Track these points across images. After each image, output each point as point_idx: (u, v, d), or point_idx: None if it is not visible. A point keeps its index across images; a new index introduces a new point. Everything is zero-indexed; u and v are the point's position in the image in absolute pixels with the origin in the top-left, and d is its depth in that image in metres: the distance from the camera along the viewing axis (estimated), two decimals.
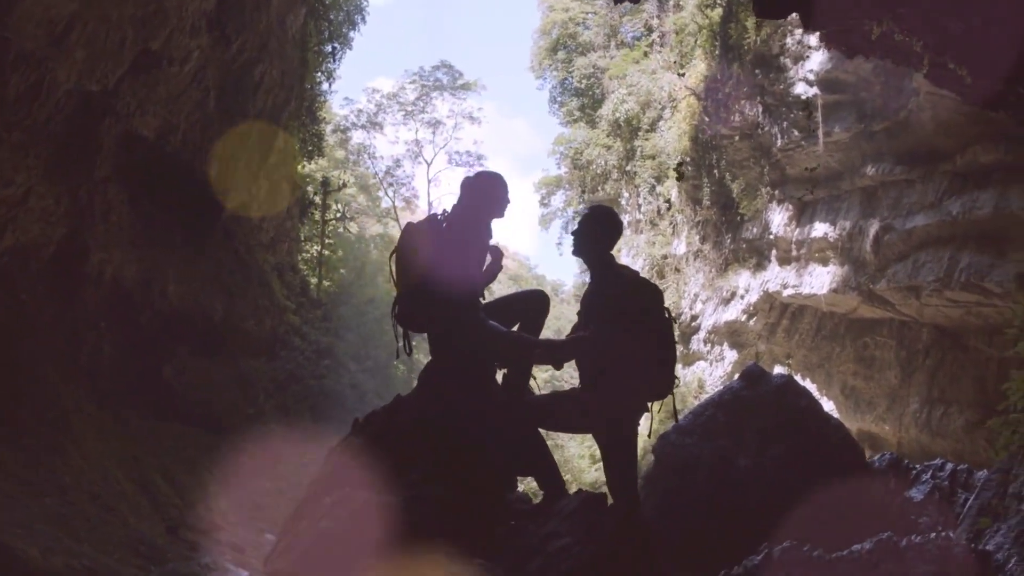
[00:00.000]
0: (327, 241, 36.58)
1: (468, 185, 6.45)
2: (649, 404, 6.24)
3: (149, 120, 18.74)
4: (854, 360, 23.59)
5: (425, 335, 6.46)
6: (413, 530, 5.07)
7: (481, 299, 6.31)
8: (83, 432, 16.75)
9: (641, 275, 6.46)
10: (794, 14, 8.12)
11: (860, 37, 6.90)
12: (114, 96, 17.28)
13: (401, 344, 6.40)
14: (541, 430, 6.45)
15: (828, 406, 21.96)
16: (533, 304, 6.58)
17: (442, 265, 6.02)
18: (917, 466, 8.03)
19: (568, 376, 30.15)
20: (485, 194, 6.41)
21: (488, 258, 6.43)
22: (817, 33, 19.42)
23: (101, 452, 16.99)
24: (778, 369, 24.59)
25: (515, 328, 6.32)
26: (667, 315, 6.15)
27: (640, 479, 7.44)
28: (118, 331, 19.30)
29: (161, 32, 17.65)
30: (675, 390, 6.28)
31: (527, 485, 8.08)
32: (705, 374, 30.40)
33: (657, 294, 6.27)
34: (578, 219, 6.47)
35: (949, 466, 7.84)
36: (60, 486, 14.76)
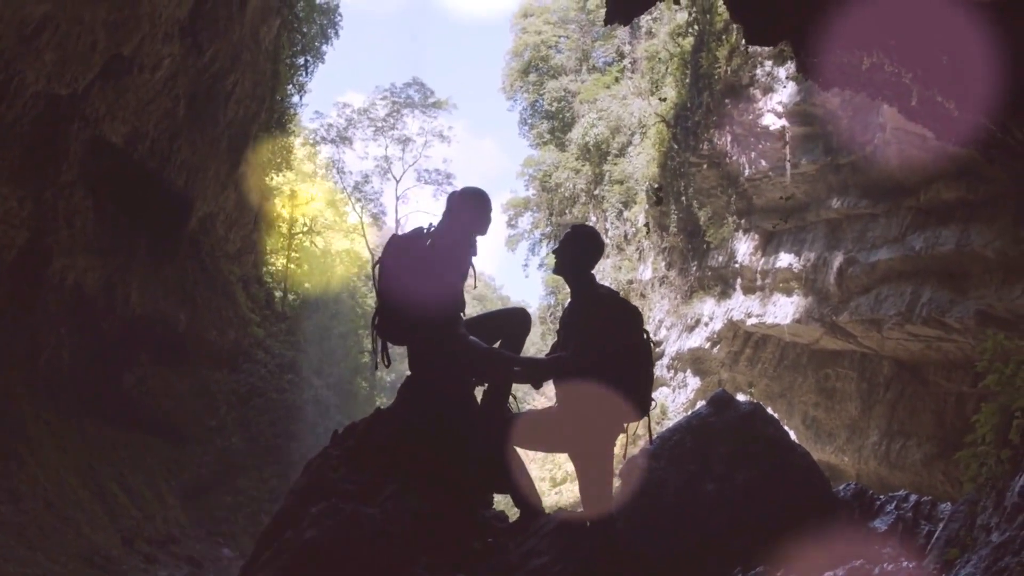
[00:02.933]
0: (293, 254, 36.40)
1: (454, 200, 6.44)
2: (625, 425, 6.24)
3: (118, 126, 18.57)
4: (815, 391, 23.75)
5: (404, 350, 6.42)
6: (393, 542, 5.04)
7: (463, 314, 6.28)
8: (39, 439, 16.52)
9: (621, 296, 6.47)
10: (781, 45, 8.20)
11: (844, 69, 6.97)
12: (83, 100, 17.13)
13: (379, 355, 6.36)
14: (518, 448, 6.43)
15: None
16: (514, 322, 6.57)
17: (425, 279, 6.01)
18: (881, 497, 8.06)
19: (533, 397, 30.12)
20: (471, 210, 6.40)
21: (472, 273, 6.44)
22: (791, 65, 19.62)
23: (58, 460, 16.75)
24: (740, 398, 24.66)
25: (496, 345, 6.31)
26: (645, 337, 6.17)
27: None
28: (79, 338, 19.07)
29: (133, 38, 17.51)
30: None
31: (502, 502, 8.03)
32: (668, 400, 30.47)
33: (636, 315, 6.27)
34: (560, 238, 6.46)
35: (913, 498, 7.86)
36: (14, 493, 14.54)
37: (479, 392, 6.46)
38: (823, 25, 6.47)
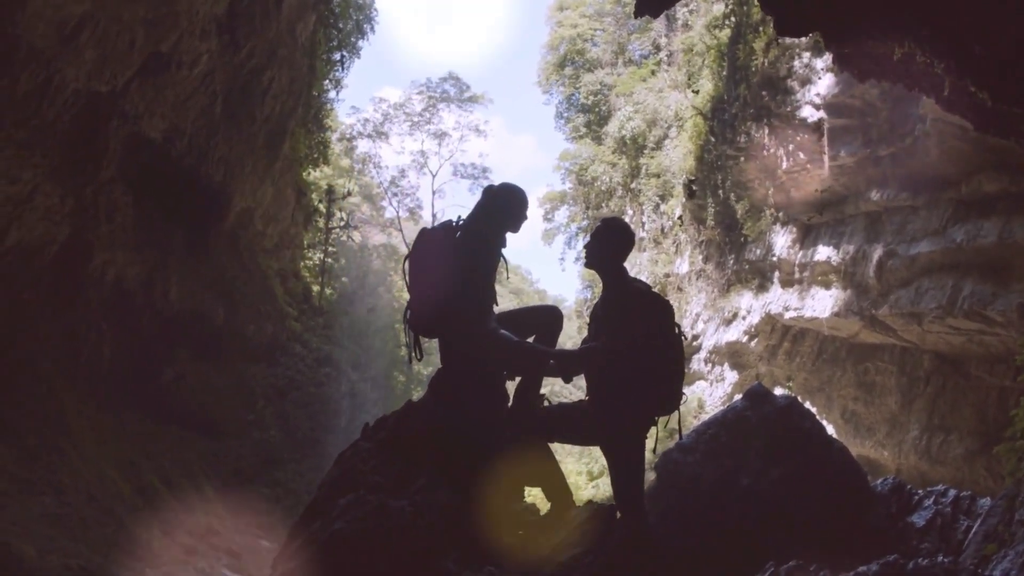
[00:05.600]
0: (330, 249, 36.59)
1: (490, 194, 6.43)
2: (656, 418, 6.22)
3: (156, 123, 18.76)
4: (855, 385, 23.51)
5: (436, 343, 6.42)
6: (422, 535, 5.06)
7: (494, 307, 6.27)
8: (81, 433, 16.75)
9: (654, 290, 6.44)
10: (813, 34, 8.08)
11: (877, 60, 6.88)
12: (122, 97, 17.32)
13: (412, 349, 6.39)
14: (550, 442, 6.42)
15: (828, 430, 21.84)
16: (548, 318, 6.53)
17: (454, 272, 6.01)
18: (919, 492, 7.97)
19: (570, 391, 30.08)
20: (505, 206, 6.38)
21: (504, 266, 6.42)
22: (828, 56, 19.47)
23: (99, 453, 16.98)
24: (778, 391, 24.45)
25: (529, 340, 6.28)
26: (677, 330, 6.13)
27: None
28: (119, 333, 19.30)
29: (171, 35, 17.68)
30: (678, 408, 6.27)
31: (532, 494, 8.05)
32: (705, 394, 30.32)
33: (668, 309, 6.24)
34: (590, 231, 6.45)
35: (952, 492, 7.77)
36: (57, 486, 14.76)
37: (510, 386, 6.44)
38: (854, 14, 6.38)
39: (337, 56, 33.12)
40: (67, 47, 14.89)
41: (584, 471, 33.66)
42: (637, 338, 5.89)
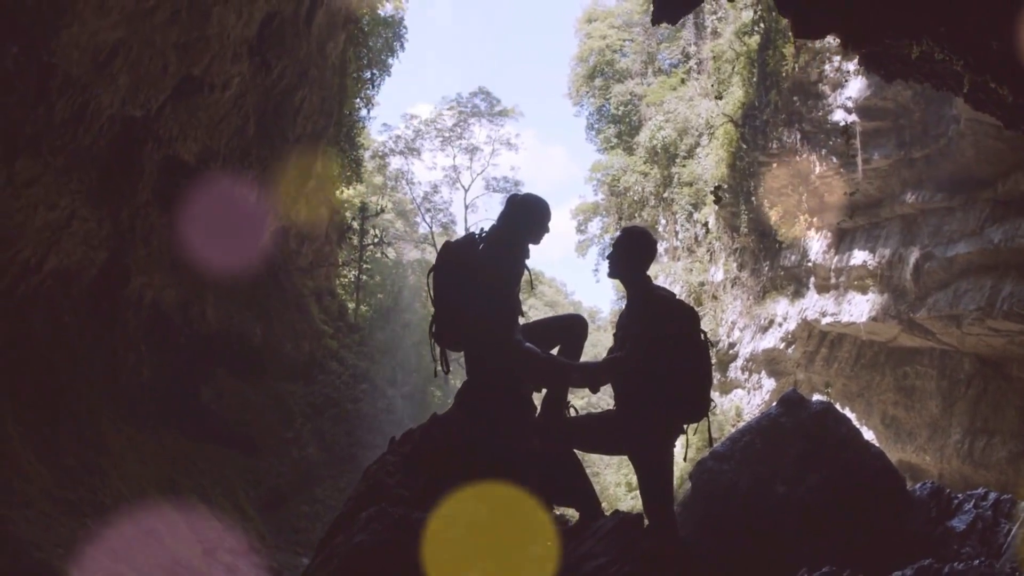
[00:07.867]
0: (365, 266, 36.73)
1: (513, 204, 6.42)
2: (685, 427, 6.18)
3: (190, 145, 18.95)
4: (894, 389, 23.30)
5: (463, 356, 6.43)
6: (447, 547, 5.07)
7: (520, 319, 6.27)
8: (122, 453, 16.92)
9: (678, 297, 6.42)
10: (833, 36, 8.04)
11: (899, 59, 6.84)
12: (156, 121, 17.51)
13: (438, 363, 6.39)
14: (578, 452, 6.41)
15: (868, 436, 21.63)
16: (572, 328, 6.50)
17: (477, 285, 6.03)
18: (959, 495, 7.89)
19: (601, 401, 29.97)
20: (526, 217, 6.37)
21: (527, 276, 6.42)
22: (856, 58, 19.38)
23: (139, 473, 17.14)
24: (817, 398, 24.26)
25: (554, 352, 6.28)
26: (703, 337, 6.10)
27: (677, 505, 7.37)
28: (157, 353, 19.49)
29: (203, 58, 17.87)
30: (712, 417, 6.22)
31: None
32: (743, 402, 30.13)
33: (693, 316, 6.21)
34: (613, 242, 6.43)
35: (992, 496, 7.68)
36: (100, 507, 14.90)
37: (536, 397, 6.44)
38: (869, 14, 6.33)
39: (367, 74, 33.28)
40: (102, 73, 15.09)
41: (623, 482, 33.55)
42: (661, 345, 5.87)
